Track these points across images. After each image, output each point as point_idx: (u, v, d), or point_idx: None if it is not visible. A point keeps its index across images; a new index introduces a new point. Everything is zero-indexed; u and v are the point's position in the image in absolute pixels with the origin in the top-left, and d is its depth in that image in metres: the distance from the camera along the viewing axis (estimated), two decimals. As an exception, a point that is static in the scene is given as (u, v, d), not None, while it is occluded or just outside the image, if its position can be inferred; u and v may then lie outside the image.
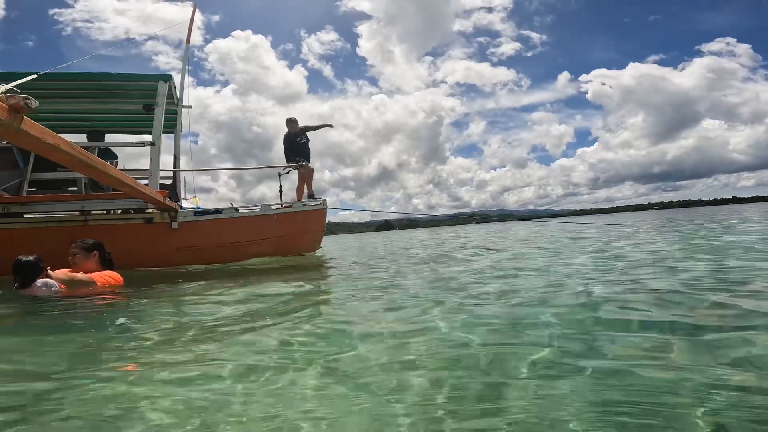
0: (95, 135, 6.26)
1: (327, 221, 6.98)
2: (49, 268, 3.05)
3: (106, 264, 3.33)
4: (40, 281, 2.94)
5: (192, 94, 6.66)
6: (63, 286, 2.99)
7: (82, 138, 6.35)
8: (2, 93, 1.55)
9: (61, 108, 6.15)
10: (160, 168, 6.84)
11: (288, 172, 6.88)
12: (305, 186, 6.83)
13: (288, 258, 6.18)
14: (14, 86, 1.67)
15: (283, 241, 6.23)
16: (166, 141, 7.35)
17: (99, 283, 3.10)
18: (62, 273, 3.07)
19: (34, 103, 1.63)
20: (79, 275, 3.06)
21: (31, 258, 2.95)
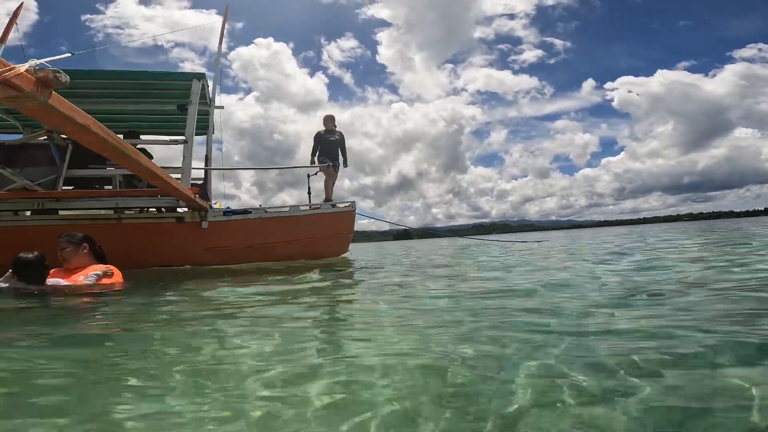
0: (131, 135, 6.34)
1: None
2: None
3: (99, 258, 3.10)
4: (50, 281, 2.79)
5: (217, 101, 6.67)
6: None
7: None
8: (30, 66, 1.45)
9: (97, 108, 6.26)
10: (193, 167, 6.90)
11: (316, 174, 6.79)
12: (325, 189, 6.72)
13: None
14: (46, 62, 1.57)
15: (311, 243, 6.12)
16: (198, 141, 7.41)
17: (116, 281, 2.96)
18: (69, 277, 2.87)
19: (64, 77, 1.54)
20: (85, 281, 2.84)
21: (34, 255, 2.76)
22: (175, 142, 5.28)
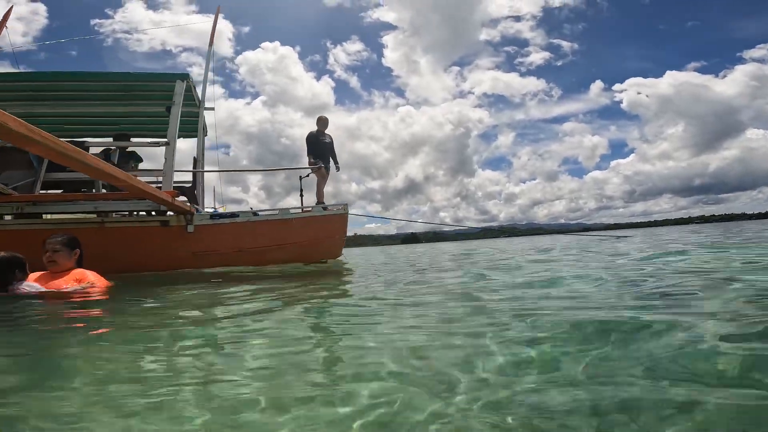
0: (121, 138, 6.24)
1: (354, 233, 6.68)
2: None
3: (80, 263, 2.96)
4: (25, 284, 2.61)
5: (223, 106, 6.58)
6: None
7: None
8: None
9: (84, 111, 6.18)
10: (183, 170, 6.76)
11: (308, 176, 6.63)
12: (320, 188, 6.55)
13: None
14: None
15: (303, 246, 5.95)
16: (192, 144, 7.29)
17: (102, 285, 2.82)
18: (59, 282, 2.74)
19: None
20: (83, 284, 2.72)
21: (5, 255, 2.60)
22: (157, 144, 5.14)
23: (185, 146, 7.32)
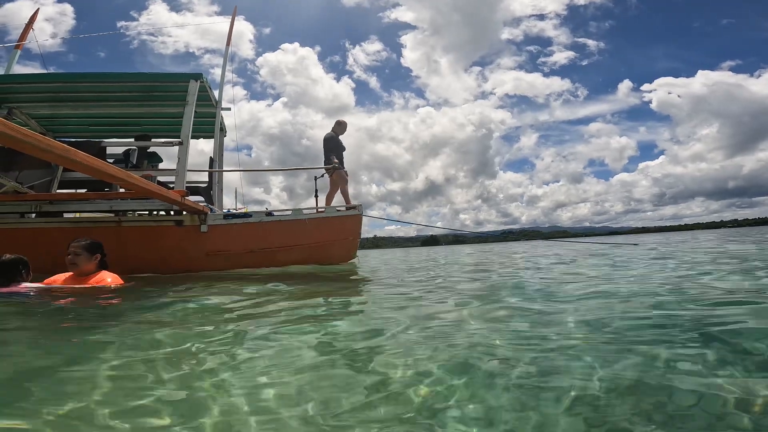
0: (142, 138, 6.33)
1: (374, 235, 6.57)
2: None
3: (103, 266, 3.05)
4: (27, 284, 2.74)
5: (246, 108, 6.59)
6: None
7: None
8: None
9: (107, 111, 6.29)
10: (197, 170, 6.81)
11: (323, 176, 6.57)
12: (343, 196, 6.45)
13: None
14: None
15: (315, 248, 5.88)
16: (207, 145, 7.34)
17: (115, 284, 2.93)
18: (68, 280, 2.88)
19: None
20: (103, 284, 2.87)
21: (11, 257, 2.74)
22: (170, 144, 5.17)
23: (209, 147, 7.28)
